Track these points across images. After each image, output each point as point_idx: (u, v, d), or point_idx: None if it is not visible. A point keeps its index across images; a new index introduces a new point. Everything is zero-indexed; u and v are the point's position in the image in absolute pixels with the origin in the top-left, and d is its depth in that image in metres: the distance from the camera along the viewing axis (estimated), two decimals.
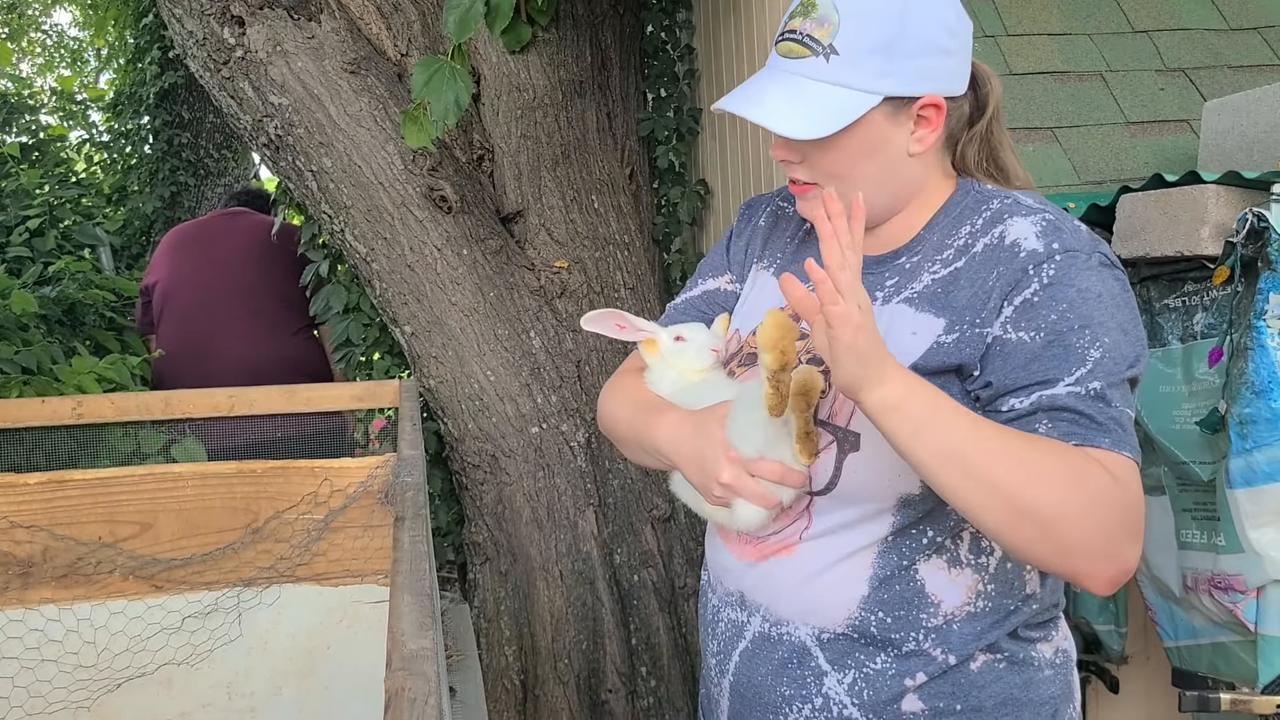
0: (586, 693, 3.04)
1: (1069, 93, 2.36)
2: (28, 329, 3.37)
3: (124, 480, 1.83)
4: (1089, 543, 1.02)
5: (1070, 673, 1.26)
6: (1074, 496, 1.01)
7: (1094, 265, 1.12)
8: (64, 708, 1.82)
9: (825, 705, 1.20)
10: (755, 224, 1.43)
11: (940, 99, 1.18)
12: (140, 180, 6.67)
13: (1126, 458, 1.06)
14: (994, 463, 1.02)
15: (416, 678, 0.94)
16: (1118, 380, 1.08)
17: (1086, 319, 1.09)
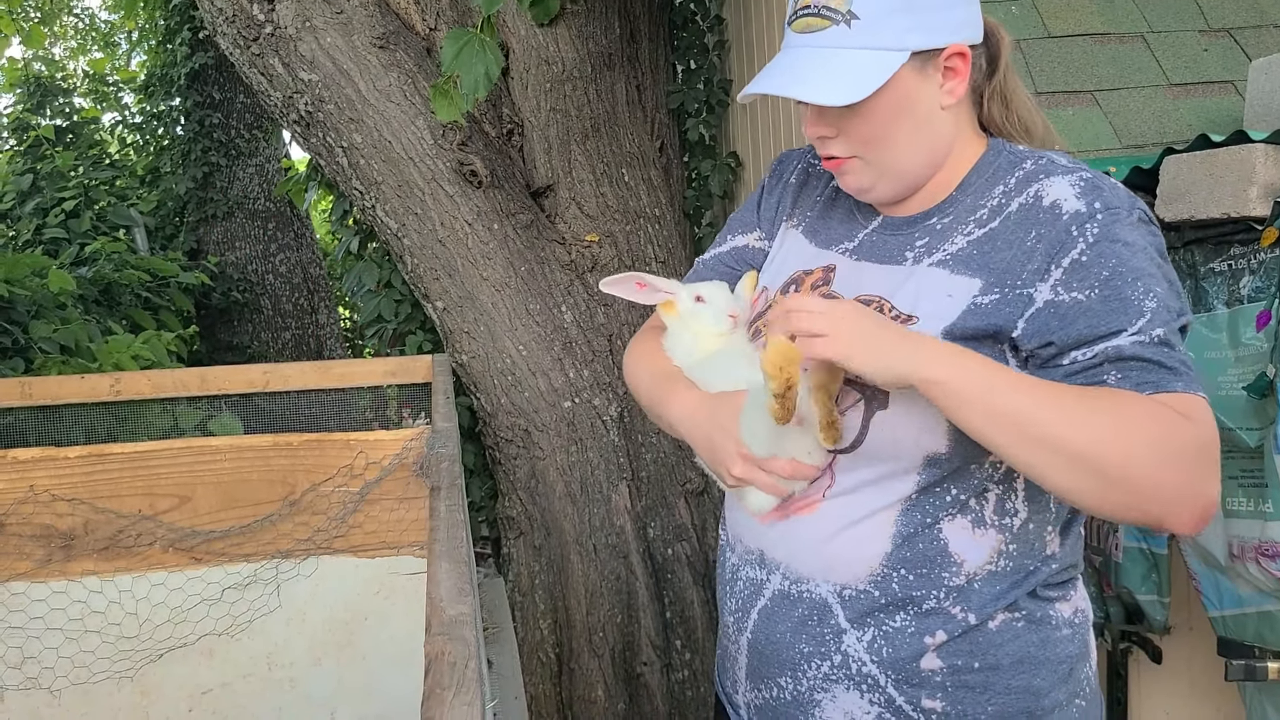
0: (621, 665, 3.05)
1: (1109, 55, 2.31)
2: (65, 308, 3.41)
3: (162, 454, 1.85)
4: (1162, 487, 1.01)
5: (1087, 632, 1.26)
6: (1138, 443, 1.01)
7: (1134, 221, 1.11)
8: (107, 677, 1.85)
9: (844, 662, 1.20)
10: (786, 181, 1.42)
11: (965, 47, 1.17)
12: (173, 161, 6.72)
13: (1200, 397, 1.06)
14: (1054, 421, 1.02)
15: (456, 642, 0.93)
16: (1174, 327, 1.08)
17: (1138, 271, 1.08)
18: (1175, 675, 2.09)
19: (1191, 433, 1.02)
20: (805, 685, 1.22)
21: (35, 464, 1.81)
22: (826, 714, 1.21)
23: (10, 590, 1.81)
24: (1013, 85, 1.26)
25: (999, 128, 1.25)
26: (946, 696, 1.17)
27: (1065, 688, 1.20)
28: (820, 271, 1.28)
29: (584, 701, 3.03)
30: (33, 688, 1.83)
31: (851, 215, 1.30)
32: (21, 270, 3.27)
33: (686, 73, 3.52)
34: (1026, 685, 1.17)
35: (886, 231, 1.25)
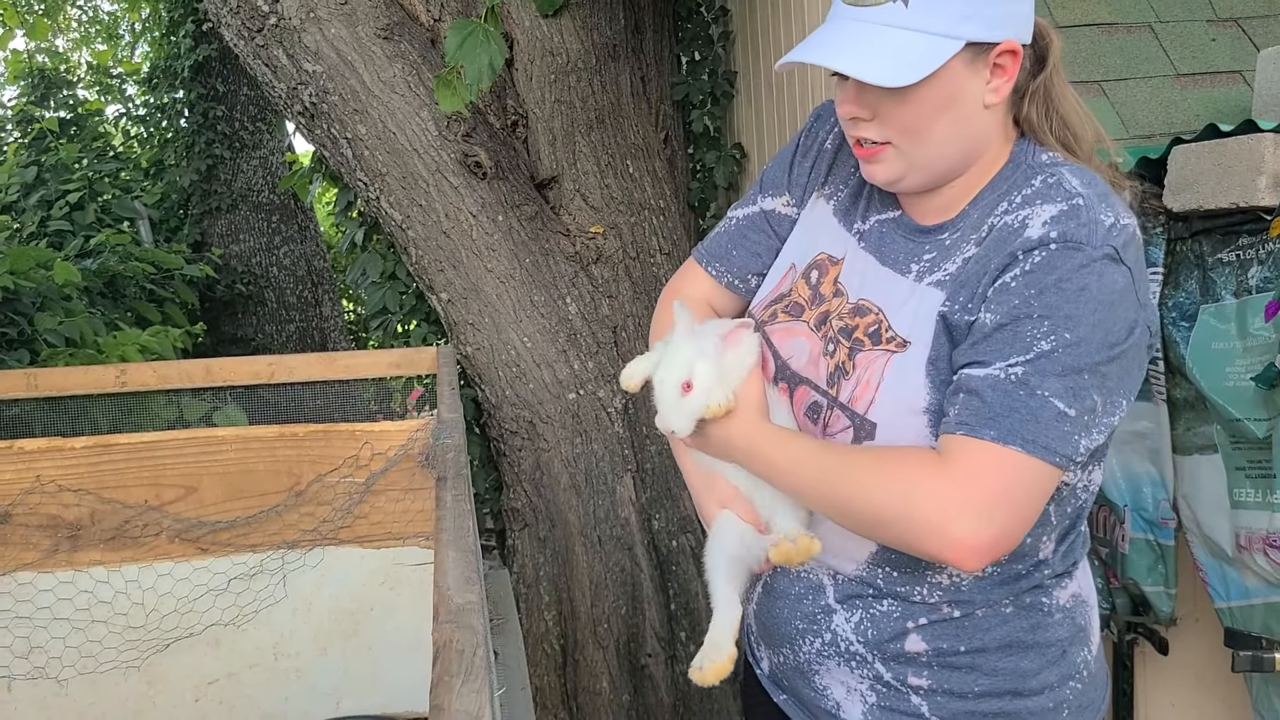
0: (626, 657, 3.05)
1: (1116, 45, 2.30)
2: (71, 300, 3.41)
3: (168, 444, 1.85)
4: (912, 530, 1.06)
5: (1084, 616, 1.25)
6: (883, 495, 1.07)
7: (1093, 260, 1.05)
8: (114, 667, 1.85)
9: (834, 640, 1.24)
10: (822, 145, 1.36)
11: (1017, 45, 1.12)
12: (177, 154, 6.72)
13: (1007, 450, 1.03)
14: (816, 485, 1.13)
15: (464, 630, 0.93)
16: (1060, 369, 1.04)
17: (1051, 310, 1.04)
18: (1181, 667, 2.09)
19: (939, 481, 1.04)
20: (804, 657, 1.28)
21: (41, 454, 1.81)
22: (825, 682, 1.27)
23: (17, 580, 1.81)
24: (1060, 90, 1.20)
25: (1034, 129, 1.19)
26: (933, 675, 1.20)
27: (1056, 670, 1.21)
28: (841, 262, 1.27)
29: (589, 693, 3.04)
30: (40, 677, 1.83)
31: (871, 197, 1.28)
32: (27, 262, 3.27)
33: (691, 64, 3.51)
34: (1014, 667, 1.19)
35: (900, 231, 1.23)
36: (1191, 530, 1.89)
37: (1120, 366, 1.06)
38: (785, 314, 1.29)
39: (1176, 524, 1.92)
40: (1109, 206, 1.10)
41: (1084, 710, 1.24)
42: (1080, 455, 1.06)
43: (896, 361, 1.15)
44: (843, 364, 1.19)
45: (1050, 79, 1.19)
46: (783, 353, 1.27)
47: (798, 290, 1.30)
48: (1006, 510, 1.04)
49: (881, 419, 1.14)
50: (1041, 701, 1.20)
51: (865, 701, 1.23)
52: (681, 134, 3.49)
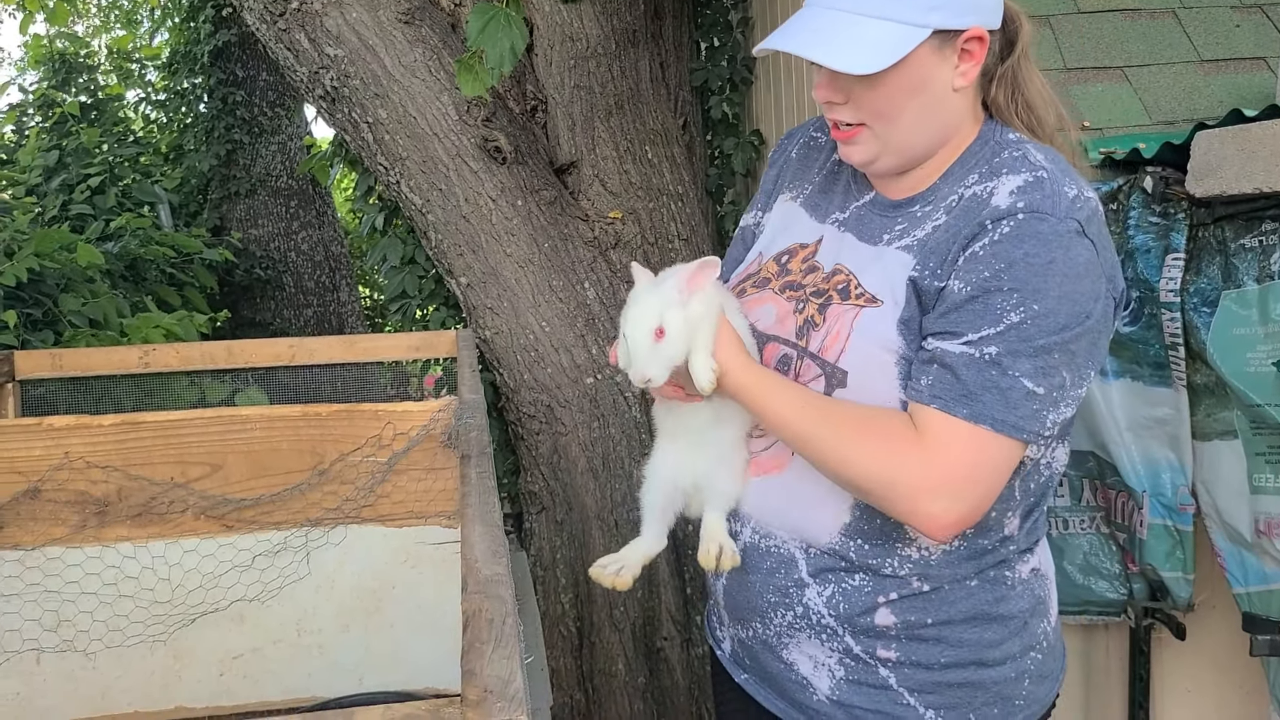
0: (642, 640, 3.07)
1: (1140, 31, 2.29)
2: (94, 282, 3.45)
3: (194, 422, 1.87)
4: (890, 501, 1.13)
5: (1043, 588, 1.31)
6: (867, 464, 1.13)
7: (1060, 232, 1.10)
8: (141, 641, 1.88)
9: (805, 614, 1.27)
10: (788, 155, 1.45)
11: (984, 31, 1.17)
12: (196, 138, 6.76)
13: (978, 429, 1.09)
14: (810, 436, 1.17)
15: (493, 600, 0.95)
16: (1031, 349, 1.09)
17: (1020, 283, 1.09)
18: (1198, 652, 2.09)
19: (912, 459, 1.11)
20: (773, 630, 1.31)
21: (70, 431, 1.83)
22: (794, 656, 1.30)
23: (46, 555, 1.84)
24: (1026, 73, 1.26)
25: (1001, 111, 1.26)
26: (901, 647, 1.24)
27: (1019, 640, 1.26)
28: (814, 245, 1.32)
29: (604, 675, 3.06)
30: (68, 650, 1.86)
31: (848, 188, 1.33)
32: (51, 245, 3.30)
33: (710, 50, 3.51)
34: (978, 638, 1.24)
35: (875, 210, 1.28)
36: (1210, 516, 1.90)
37: (1088, 340, 1.11)
38: (753, 288, 1.36)
39: (1195, 510, 1.92)
40: (1071, 180, 1.16)
41: (1044, 680, 1.30)
42: (1048, 430, 1.12)
43: (867, 314, 1.20)
44: (812, 318, 1.25)
45: (1018, 63, 1.25)
46: (750, 319, 1.33)
47: (765, 269, 1.36)
48: (974, 487, 1.11)
49: (853, 366, 1.19)
50: (1004, 671, 1.25)
51: (834, 676, 1.27)
52: (700, 120, 3.49)
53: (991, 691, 1.25)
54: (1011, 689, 1.26)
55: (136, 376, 2.82)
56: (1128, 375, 1.97)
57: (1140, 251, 1.91)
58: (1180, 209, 1.88)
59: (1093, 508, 2.07)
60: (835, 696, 1.27)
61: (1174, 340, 1.88)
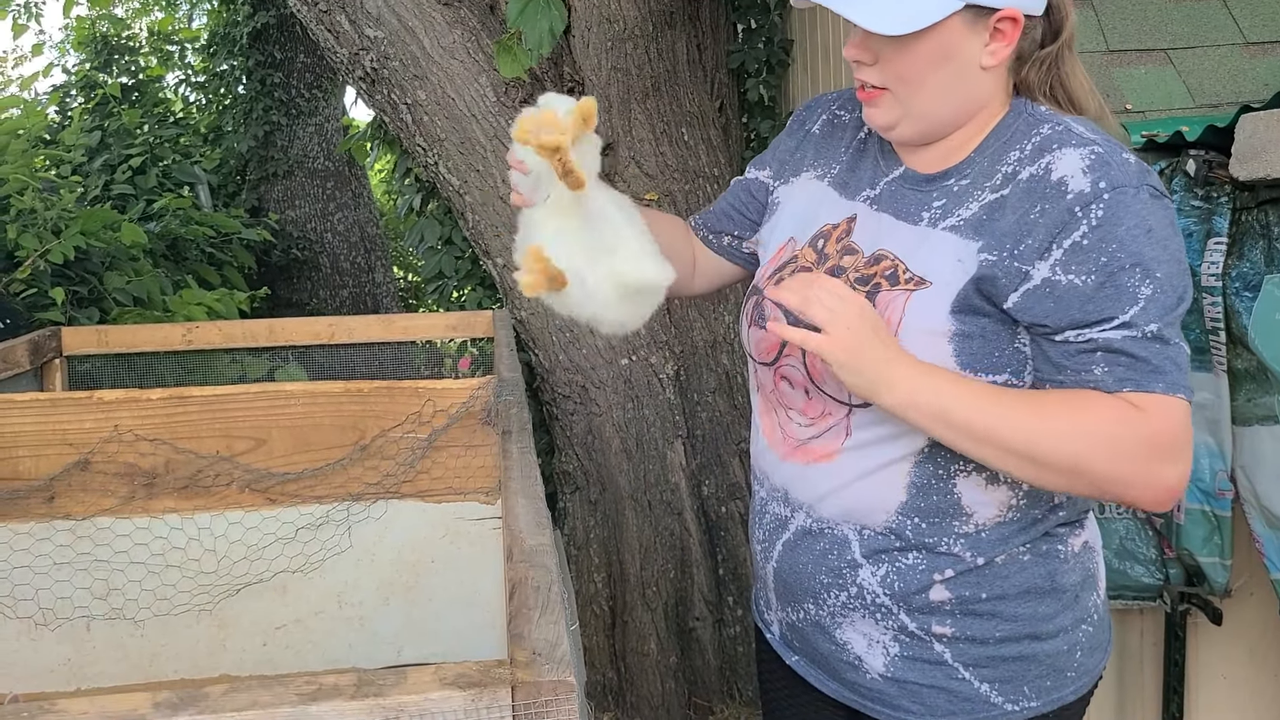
0: (674, 620, 3.10)
1: (1184, 13, 2.27)
2: (138, 260, 3.50)
3: (239, 397, 1.90)
4: (1118, 477, 1.12)
5: (1092, 561, 1.33)
6: (1089, 444, 1.11)
7: (1144, 199, 1.13)
8: (187, 610, 1.92)
9: (859, 594, 1.29)
10: (809, 130, 1.45)
11: (1019, 13, 1.18)
12: (235, 120, 6.83)
13: (1175, 398, 1.12)
14: (1006, 433, 1.12)
15: (537, 569, 0.97)
16: (1172, 318, 1.13)
17: (1137, 256, 1.12)
18: (1234, 638, 2.08)
19: (1145, 430, 1.11)
20: (826, 611, 1.32)
21: (120, 405, 1.87)
22: (847, 636, 1.32)
23: (96, 525, 1.89)
24: (1069, 65, 1.27)
25: (1030, 91, 1.26)
26: (956, 623, 1.26)
27: (1071, 613, 1.28)
28: (845, 224, 1.32)
29: (637, 654, 3.09)
30: (117, 618, 1.91)
31: (876, 163, 1.33)
32: (96, 224, 3.37)
33: (747, 32, 3.50)
34: (1033, 613, 1.26)
35: (907, 185, 1.28)
36: (1249, 501, 1.89)
37: (1189, 296, 1.16)
38: (791, 275, 1.34)
39: (1234, 495, 1.91)
40: (1121, 148, 1.18)
41: (1094, 651, 1.32)
42: None
43: (918, 297, 1.20)
44: None
45: (1060, 53, 1.25)
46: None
47: (803, 255, 1.35)
48: (1185, 452, 1.14)
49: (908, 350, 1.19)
50: (1057, 644, 1.27)
51: (888, 653, 1.29)
52: (736, 102, 3.49)
53: (1045, 664, 1.27)
54: (1064, 661, 1.28)
55: (179, 353, 2.87)
56: None
57: (1182, 235, 1.90)
58: (1223, 192, 1.87)
59: None
60: (890, 674, 1.29)
61: (1215, 325, 1.87)
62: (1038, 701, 1.26)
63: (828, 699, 1.38)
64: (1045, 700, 1.27)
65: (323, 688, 0.75)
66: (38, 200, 3.38)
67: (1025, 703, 1.26)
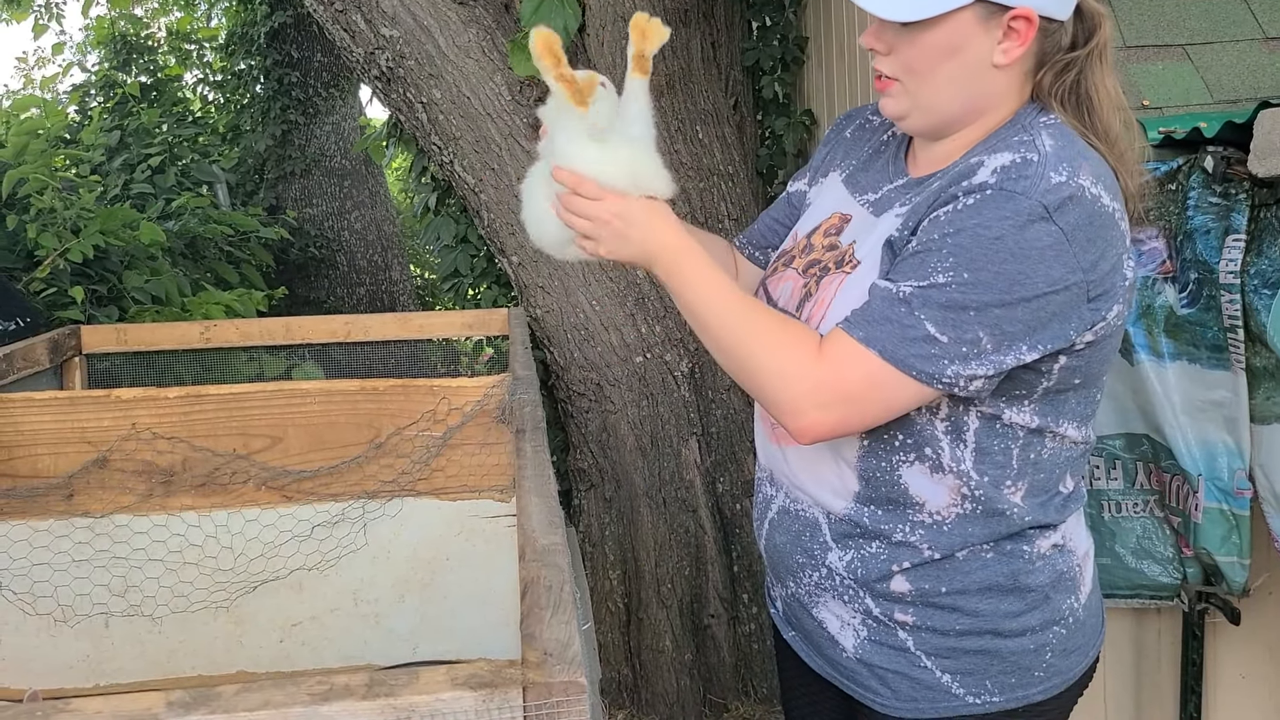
0: (689, 617, 3.10)
1: (1202, 8, 2.25)
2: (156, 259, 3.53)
3: (256, 395, 1.92)
4: (775, 397, 1.19)
5: (1067, 564, 1.30)
6: (762, 366, 1.19)
7: (1020, 211, 1.10)
8: (204, 607, 1.93)
9: (829, 575, 1.33)
10: (842, 134, 1.49)
11: (1033, 13, 1.16)
12: (253, 119, 6.86)
13: (867, 351, 1.14)
14: (715, 325, 1.22)
15: (550, 569, 0.98)
16: (944, 301, 1.11)
17: (959, 251, 1.11)
18: (1253, 638, 2.07)
19: (809, 376, 1.16)
20: (804, 589, 1.37)
21: (137, 403, 1.89)
22: (822, 615, 1.36)
23: (115, 522, 1.90)
24: (1097, 74, 1.23)
25: (1044, 94, 1.23)
26: (917, 613, 1.28)
27: (1039, 614, 1.27)
28: (838, 219, 1.36)
29: (651, 651, 3.10)
30: (135, 615, 1.93)
31: (885, 170, 1.36)
32: (115, 222, 3.39)
33: (761, 29, 3.49)
34: (994, 609, 1.26)
35: (902, 189, 1.30)
36: (1267, 500, 1.87)
37: (1026, 313, 1.12)
38: (783, 266, 1.41)
39: (1252, 494, 1.90)
40: (1069, 166, 1.14)
41: (1069, 654, 1.31)
42: (948, 378, 1.14)
43: (848, 281, 1.25)
44: (810, 289, 1.30)
45: (1086, 60, 1.22)
46: (774, 296, 1.38)
47: (796, 246, 1.41)
48: (849, 404, 1.16)
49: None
50: (1023, 643, 1.27)
51: (858, 635, 1.32)
52: (751, 100, 3.48)
53: (1009, 661, 1.27)
54: (1031, 660, 1.28)
55: (197, 351, 2.89)
56: (1184, 358, 1.95)
57: (1199, 232, 1.89)
58: (1242, 189, 1.85)
59: (1146, 491, 2.05)
60: (859, 655, 1.33)
61: (1233, 322, 1.85)
62: (1000, 697, 1.27)
63: (820, 678, 1.41)
64: (1009, 697, 1.28)
65: (334, 688, 0.75)
66: (57, 199, 3.40)
67: (988, 697, 1.27)
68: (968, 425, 1.22)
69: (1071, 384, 1.22)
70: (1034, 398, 1.21)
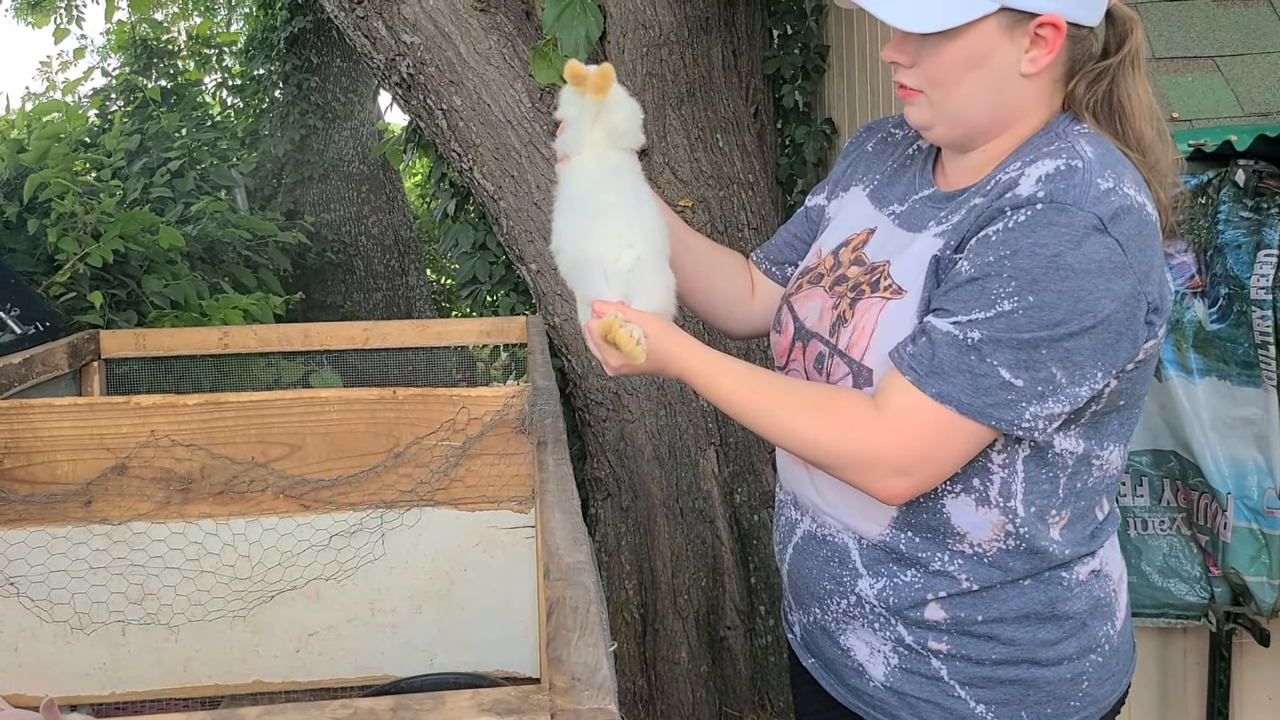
0: (705, 628, 3.08)
1: (1232, 19, 2.22)
2: (175, 264, 3.53)
3: (274, 403, 1.91)
4: (838, 471, 1.16)
5: (1104, 589, 1.27)
6: (815, 451, 1.17)
7: (1075, 225, 1.06)
8: (221, 616, 1.93)
9: (859, 603, 1.28)
10: (864, 148, 1.45)
11: (1060, 19, 1.13)
12: (271, 124, 6.89)
13: (941, 407, 1.10)
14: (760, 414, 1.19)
15: (575, 588, 0.96)
16: (1016, 340, 1.07)
17: (1020, 272, 1.07)
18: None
19: (871, 442, 1.13)
20: (831, 616, 1.33)
21: (156, 410, 1.88)
22: (850, 642, 1.32)
23: (132, 530, 1.90)
24: (1130, 82, 1.19)
25: (1077, 104, 1.20)
26: (951, 641, 1.24)
27: (1075, 641, 1.24)
28: (865, 234, 1.32)
29: (667, 662, 3.07)
30: (152, 623, 1.92)
31: (911, 182, 1.32)
32: (135, 227, 3.40)
33: (782, 38, 3.48)
34: (1031, 638, 1.23)
35: (930, 202, 1.27)
36: None
37: (1094, 340, 1.08)
38: (808, 283, 1.36)
39: None
40: (1114, 173, 1.10)
41: (1104, 682, 1.27)
42: (1027, 422, 1.10)
43: (891, 308, 1.20)
44: (844, 313, 1.25)
45: (1119, 67, 1.19)
46: (800, 315, 1.34)
47: (823, 263, 1.36)
48: (926, 464, 1.13)
49: (876, 364, 1.19)
50: (1059, 672, 1.24)
51: (888, 663, 1.28)
52: (771, 108, 3.47)
53: (1045, 691, 1.24)
54: (1067, 689, 1.24)
55: (215, 356, 2.89)
56: (1214, 374, 1.92)
57: (1230, 247, 1.86)
58: (1273, 203, 1.82)
59: (1173, 509, 2.02)
60: (890, 684, 1.28)
61: (1264, 338, 1.82)
62: None
63: (841, 706, 1.37)
64: None
65: (358, 711, 0.74)
66: (78, 204, 3.41)
67: None
68: (1019, 455, 1.18)
69: (1116, 405, 1.18)
70: (1081, 422, 1.17)
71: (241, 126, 7.14)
